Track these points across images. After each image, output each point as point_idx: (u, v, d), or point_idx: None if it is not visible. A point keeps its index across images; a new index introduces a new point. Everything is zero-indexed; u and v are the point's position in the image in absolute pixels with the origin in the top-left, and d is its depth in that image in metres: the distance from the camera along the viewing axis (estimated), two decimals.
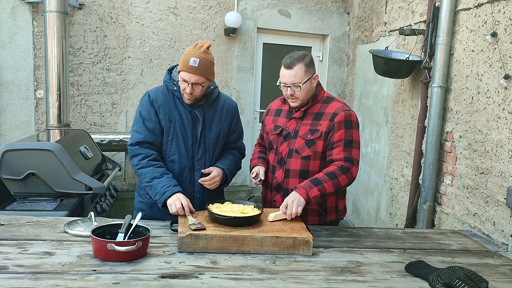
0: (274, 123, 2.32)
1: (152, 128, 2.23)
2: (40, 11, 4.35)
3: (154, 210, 2.28)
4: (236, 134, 2.45)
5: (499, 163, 2.65)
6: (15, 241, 1.82)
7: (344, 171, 2.09)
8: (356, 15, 5.18)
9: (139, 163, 2.21)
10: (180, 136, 2.25)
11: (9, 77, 4.41)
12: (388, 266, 1.78)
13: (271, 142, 2.31)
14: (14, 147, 2.89)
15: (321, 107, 2.20)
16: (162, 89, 2.30)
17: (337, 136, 2.14)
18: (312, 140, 2.16)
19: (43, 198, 2.86)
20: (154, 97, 2.26)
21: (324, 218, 2.26)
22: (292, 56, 2.13)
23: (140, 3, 4.73)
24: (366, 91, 4.82)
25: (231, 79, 5.15)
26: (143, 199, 2.35)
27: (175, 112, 2.25)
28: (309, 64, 2.13)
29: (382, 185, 4.33)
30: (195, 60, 2.12)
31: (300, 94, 2.13)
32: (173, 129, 2.24)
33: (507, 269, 1.84)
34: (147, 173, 2.18)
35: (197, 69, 2.13)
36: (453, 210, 3.14)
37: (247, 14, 5.07)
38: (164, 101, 2.25)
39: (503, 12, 2.65)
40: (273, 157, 2.28)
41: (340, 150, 2.13)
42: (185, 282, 1.53)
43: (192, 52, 2.15)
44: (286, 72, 2.11)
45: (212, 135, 2.31)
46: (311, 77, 2.14)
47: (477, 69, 2.90)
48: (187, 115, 2.26)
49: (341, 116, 2.14)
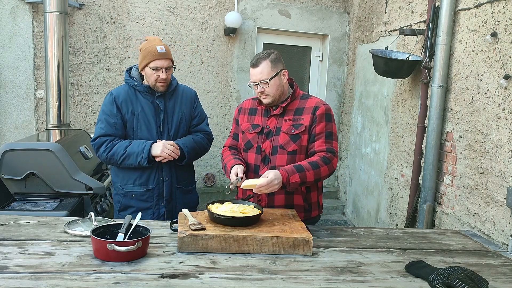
0: (251, 122, 2.33)
1: (113, 123, 2.44)
2: (40, 11, 4.35)
3: (128, 198, 2.50)
4: (197, 119, 2.64)
5: (499, 163, 2.65)
6: (15, 241, 1.82)
7: (326, 161, 2.15)
8: (356, 15, 5.18)
9: (105, 148, 2.43)
10: (144, 126, 2.46)
11: (9, 77, 4.41)
12: (388, 266, 1.78)
13: (249, 141, 2.30)
14: (14, 147, 2.89)
15: (300, 103, 2.26)
16: (123, 87, 2.53)
17: (318, 128, 2.20)
18: (297, 135, 2.20)
19: (43, 198, 2.86)
20: (116, 94, 2.48)
21: (309, 214, 2.30)
22: (257, 55, 2.22)
23: (140, 3, 4.73)
24: (366, 91, 4.82)
25: (231, 79, 5.15)
26: (117, 191, 2.55)
27: (137, 105, 2.47)
28: (275, 60, 2.18)
29: (382, 185, 4.33)
30: (161, 47, 2.40)
31: (270, 90, 2.18)
32: (137, 120, 2.46)
33: (507, 269, 1.84)
34: (117, 149, 2.41)
35: (166, 54, 2.41)
36: (453, 210, 3.14)
37: (247, 14, 5.07)
38: (126, 97, 2.47)
39: (503, 12, 2.65)
40: (254, 156, 2.27)
41: (322, 141, 2.20)
42: (185, 282, 1.53)
43: (154, 43, 2.41)
44: (253, 71, 2.19)
45: (174, 122, 2.52)
46: (279, 72, 2.19)
47: (477, 69, 2.90)
48: (149, 106, 2.48)
49: (322, 110, 2.22)
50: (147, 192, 2.48)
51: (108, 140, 2.42)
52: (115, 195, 2.58)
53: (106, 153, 2.42)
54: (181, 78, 4.78)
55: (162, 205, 2.51)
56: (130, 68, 2.57)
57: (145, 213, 2.46)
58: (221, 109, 5.18)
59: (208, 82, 5.06)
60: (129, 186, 2.49)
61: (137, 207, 2.47)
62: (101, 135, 2.43)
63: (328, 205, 5.47)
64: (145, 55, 2.40)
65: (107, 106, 2.45)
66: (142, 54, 2.42)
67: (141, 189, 2.48)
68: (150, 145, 2.39)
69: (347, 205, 5.42)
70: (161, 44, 2.42)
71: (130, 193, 2.49)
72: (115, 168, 2.55)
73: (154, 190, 2.49)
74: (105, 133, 2.43)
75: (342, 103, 5.61)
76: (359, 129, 5.01)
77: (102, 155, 2.43)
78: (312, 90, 5.61)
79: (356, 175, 5.09)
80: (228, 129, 5.20)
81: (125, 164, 2.42)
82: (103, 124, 2.44)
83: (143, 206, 2.47)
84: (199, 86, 4.99)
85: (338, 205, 5.54)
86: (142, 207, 2.46)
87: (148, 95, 2.48)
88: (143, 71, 2.45)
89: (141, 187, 2.48)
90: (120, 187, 2.52)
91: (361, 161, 4.95)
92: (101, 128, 2.44)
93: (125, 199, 2.51)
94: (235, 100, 5.20)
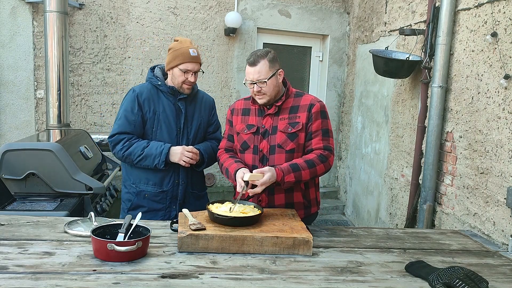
0: (245, 123, 2.30)
1: (133, 120, 2.41)
2: (40, 11, 4.35)
3: (140, 198, 2.47)
4: (213, 126, 2.65)
5: (499, 163, 2.65)
6: (15, 241, 1.82)
7: (323, 159, 2.16)
8: (356, 15, 5.18)
9: (122, 146, 2.39)
10: (164, 127, 2.44)
11: (9, 77, 4.41)
12: (388, 266, 1.78)
13: (245, 142, 2.28)
14: (14, 147, 2.89)
15: (294, 101, 2.25)
16: (146, 85, 2.50)
17: (315, 126, 2.20)
18: (294, 133, 2.19)
19: (43, 198, 2.86)
20: (139, 91, 2.44)
21: (309, 211, 2.31)
22: (255, 53, 2.18)
23: (140, 3, 4.73)
24: (366, 91, 4.82)
25: (231, 79, 5.15)
26: (128, 190, 2.52)
27: (159, 105, 2.44)
28: (273, 60, 2.17)
29: (382, 185, 4.33)
30: (194, 51, 2.40)
31: (267, 89, 2.16)
32: (157, 120, 2.43)
33: (507, 269, 1.84)
34: (134, 149, 2.37)
35: (197, 57, 2.43)
36: (453, 210, 3.14)
37: (247, 14, 5.07)
38: (148, 95, 2.44)
39: (503, 12, 2.65)
40: (251, 157, 2.26)
41: (319, 139, 2.20)
42: (185, 282, 1.53)
43: (186, 45, 2.40)
44: (251, 69, 2.16)
45: (194, 126, 2.52)
46: (276, 72, 2.18)
47: (477, 69, 2.90)
48: (170, 108, 2.46)
49: (317, 107, 2.22)
50: (161, 194, 2.46)
51: (126, 138, 2.39)
52: (125, 194, 2.54)
53: (122, 152, 2.39)
54: None
55: (174, 208, 2.48)
56: (154, 67, 2.55)
57: (156, 214, 2.45)
58: (221, 109, 5.17)
59: (208, 82, 5.06)
60: (143, 185, 2.46)
61: (148, 207, 2.45)
62: (119, 132, 2.40)
63: (328, 205, 5.47)
64: (176, 56, 2.37)
65: (129, 103, 2.42)
66: (172, 54, 2.39)
67: (155, 189, 2.45)
68: (168, 149, 2.36)
69: (347, 205, 5.42)
70: (193, 47, 2.42)
71: (143, 192, 2.46)
72: (127, 166, 2.52)
73: (168, 192, 2.47)
74: (123, 131, 2.40)
75: (342, 103, 5.61)
76: (359, 129, 5.01)
77: (119, 153, 2.41)
78: (312, 90, 5.61)
79: (356, 175, 5.09)
80: None
81: (141, 165, 2.40)
82: (121, 121, 2.41)
83: (155, 207, 2.45)
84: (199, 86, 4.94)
85: (338, 205, 5.54)
86: (154, 208, 2.45)
87: (170, 96, 2.45)
88: (170, 71, 2.43)
89: (155, 188, 2.45)
90: (133, 186, 2.49)
91: (361, 161, 4.95)
92: (119, 125, 2.41)
93: (138, 199, 2.47)
94: (235, 100, 5.18)
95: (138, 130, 2.42)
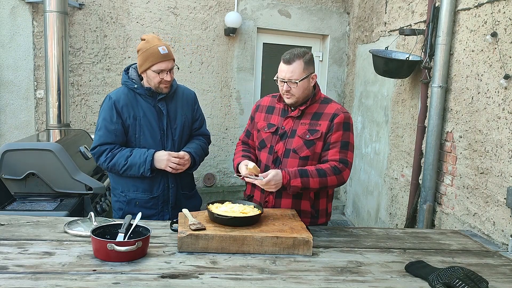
0: (267, 121, 2.26)
1: (113, 129, 2.31)
2: (40, 11, 4.35)
3: (131, 206, 2.38)
4: (198, 122, 2.56)
5: (499, 163, 2.65)
6: (15, 241, 1.82)
7: (336, 172, 2.08)
8: (356, 15, 5.18)
9: (106, 158, 2.30)
10: (147, 131, 2.34)
11: (9, 77, 4.40)
12: (388, 266, 1.78)
13: (263, 140, 2.25)
14: (14, 147, 2.89)
15: (320, 107, 2.18)
16: (122, 89, 2.38)
17: (334, 137, 2.12)
18: (312, 141, 2.13)
19: (43, 198, 2.86)
20: (116, 98, 2.33)
21: (315, 220, 2.24)
22: (292, 52, 2.10)
23: (140, 3, 4.73)
24: (366, 91, 4.82)
25: (231, 79, 5.15)
26: (118, 198, 2.44)
27: (138, 109, 2.34)
28: (309, 62, 2.10)
29: (382, 185, 4.33)
30: (163, 48, 2.26)
31: (296, 91, 2.10)
32: (139, 126, 2.33)
33: (507, 269, 1.84)
34: (118, 159, 2.28)
35: (168, 54, 2.28)
36: (453, 210, 3.14)
37: (247, 14, 5.07)
38: (126, 101, 2.33)
39: (503, 12, 2.65)
40: (266, 156, 2.22)
41: (336, 151, 2.12)
42: (185, 282, 1.53)
43: (154, 43, 2.26)
44: (284, 67, 2.09)
45: (178, 126, 2.42)
46: (309, 75, 2.11)
47: (477, 69, 2.90)
48: (151, 110, 2.35)
49: (341, 118, 2.13)
50: (152, 200, 2.39)
51: (108, 149, 2.29)
52: (115, 202, 2.46)
53: (106, 163, 2.30)
54: (181, 78, 4.78)
55: (167, 212, 2.43)
56: (128, 68, 2.43)
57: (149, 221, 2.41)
58: (221, 109, 5.18)
59: (208, 82, 5.06)
60: (132, 194, 2.38)
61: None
62: (100, 143, 2.30)
63: None
64: (147, 57, 2.25)
65: (107, 112, 2.31)
66: (142, 56, 2.27)
67: (146, 196, 2.38)
68: (152, 156, 2.27)
69: (347, 205, 5.42)
70: (162, 44, 2.27)
71: (134, 200, 2.38)
72: (114, 175, 2.42)
73: (160, 197, 2.40)
74: (105, 141, 2.30)
75: (342, 103, 5.61)
76: (359, 129, 5.01)
77: (103, 165, 2.32)
78: None
79: (356, 175, 5.09)
80: (228, 129, 5.21)
81: (127, 174, 2.31)
82: (102, 132, 2.30)
83: (147, 214, 2.34)
84: (199, 86, 4.99)
85: (338, 205, 5.54)
86: (147, 214, 2.33)
87: (149, 98, 2.34)
88: (144, 73, 2.31)
89: (146, 194, 2.38)
90: (122, 194, 2.40)
91: (361, 161, 4.95)
92: (100, 136, 2.31)
93: (128, 207, 2.38)
94: (235, 100, 5.20)
95: (120, 139, 2.32)
